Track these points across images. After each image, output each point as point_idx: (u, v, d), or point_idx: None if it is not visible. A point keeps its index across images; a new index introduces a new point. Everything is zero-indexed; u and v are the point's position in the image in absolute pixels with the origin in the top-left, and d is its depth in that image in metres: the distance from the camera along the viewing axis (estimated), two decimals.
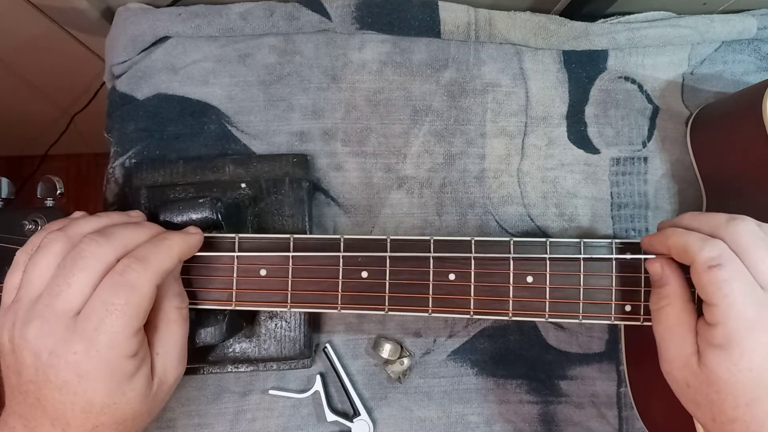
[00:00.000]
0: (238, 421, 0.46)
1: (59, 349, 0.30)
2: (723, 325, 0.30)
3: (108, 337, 0.30)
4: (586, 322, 0.37)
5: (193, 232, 0.37)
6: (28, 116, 1.01)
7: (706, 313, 0.31)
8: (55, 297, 0.31)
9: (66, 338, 0.30)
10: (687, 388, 0.32)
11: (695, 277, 0.32)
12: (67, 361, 0.30)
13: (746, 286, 0.30)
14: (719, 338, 0.30)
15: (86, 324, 0.30)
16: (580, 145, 0.50)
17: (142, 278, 0.32)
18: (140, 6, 0.51)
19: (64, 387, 0.30)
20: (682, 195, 0.49)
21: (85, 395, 0.30)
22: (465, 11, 0.50)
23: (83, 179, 1.30)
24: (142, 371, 0.32)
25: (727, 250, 0.31)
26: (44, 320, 0.30)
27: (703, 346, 0.31)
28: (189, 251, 0.36)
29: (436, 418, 0.47)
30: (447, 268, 0.37)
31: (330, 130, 0.49)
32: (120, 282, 0.31)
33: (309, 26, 0.50)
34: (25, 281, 0.32)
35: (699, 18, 0.50)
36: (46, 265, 0.32)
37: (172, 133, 0.49)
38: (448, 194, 0.49)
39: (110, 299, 0.31)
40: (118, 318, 0.30)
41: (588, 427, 0.47)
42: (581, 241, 0.37)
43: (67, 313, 0.30)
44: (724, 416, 0.30)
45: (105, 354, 0.30)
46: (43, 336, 0.30)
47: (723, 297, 0.30)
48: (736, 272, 0.30)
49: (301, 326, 0.44)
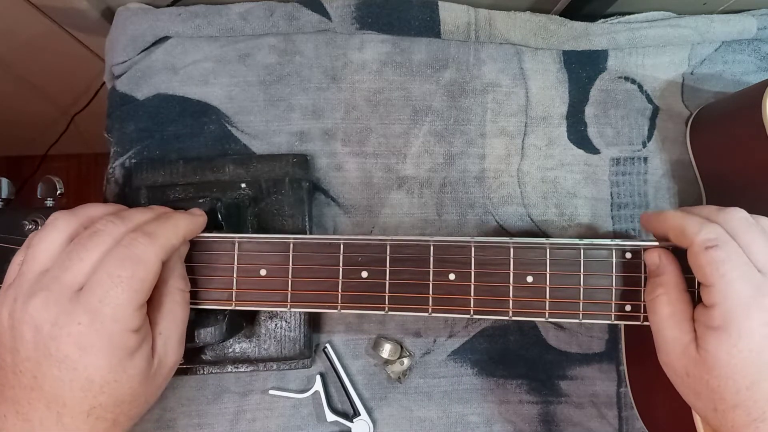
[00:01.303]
0: (238, 421, 0.46)
1: (62, 320, 0.30)
2: (721, 305, 0.30)
3: (113, 310, 0.30)
4: (586, 322, 0.37)
5: (198, 213, 0.38)
6: (28, 116, 1.01)
7: (704, 294, 0.32)
8: (65, 270, 0.31)
9: (70, 310, 0.30)
10: (687, 377, 0.32)
11: (692, 259, 0.32)
12: (70, 332, 0.30)
13: (743, 266, 0.30)
14: (717, 319, 0.30)
15: (91, 296, 0.30)
16: (580, 145, 0.50)
17: (149, 251, 0.32)
18: (140, 6, 0.51)
19: (64, 362, 0.30)
20: (682, 195, 0.49)
21: (85, 371, 0.30)
22: (465, 11, 0.50)
23: (83, 179, 1.30)
24: (144, 348, 0.32)
25: (723, 232, 0.32)
26: (50, 292, 0.30)
27: (702, 331, 0.31)
28: (194, 230, 0.37)
29: (436, 418, 0.47)
30: (447, 268, 0.37)
31: (330, 130, 0.49)
32: (127, 254, 0.31)
33: (309, 26, 0.50)
34: (29, 257, 0.32)
35: (699, 18, 0.50)
36: (51, 241, 0.32)
37: (172, 133, 0.49)
38: (448, 194, 0.49)
39: (116, 271, 0.30)
40: (124, 291, 0.30)
41: (588, 427, 0.47)
42: (581, 241, 0.37)
43: (72, 286, 0.30)
44: (725, 403, 0.30)
45: (109, 327, 0.30)
46: (47, 308, 0.30)
47: (720, 276, 0.30)
48: (732, 253, 0.31)
49: (301, 326, 0.44)
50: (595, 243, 0.37)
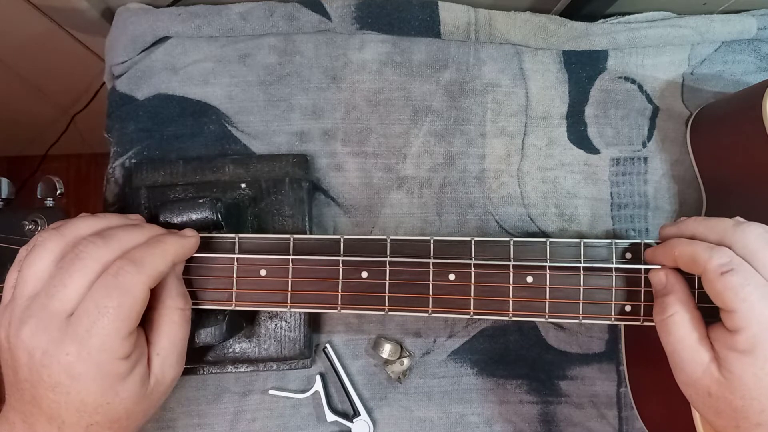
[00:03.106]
0: (238, 421, 0.46)
1: (52, 349, 0.30)
2: (746, 330, 0.30)
3: (100, 340, 0.30)
4: (586, 322, 0.37)
5: (190, 234, 0.37)
6: (28, 116, 1.01)
7: (726, 319, 0.31)
8: (50, 297, 0.31)
9: (59, 339, 0.30)
10: (708, 397, 0.31)
11: (708, 285, 0.31)
12: (60, 362, 0.30)
13: (762, 287, 0.30)
14: (743, 344, 0.30)
15: (78, 326, 0.30)
16: (580, 145, 0.50)
17: (135, 281, 0.32)
18: (140, 6, 0.51)
19: (57, 387, 0.30)
20: (682, 195, 0.49)
21: (78, 395, 0.30)
22: (465, 11, 0.50)
23: (83, 179, 1.30)
24: (136, 372, 0.32)
25: (735, 255, 0.31)
26: (39, 320, 0.30)
27: (725, 353, 0.30)
28: (184, 254, 0.36)
29: (436, 418, 0.47)
30: (447, 268, 0.37)
31: (330, 130, 0.49)
32: (113, 284, 0.31)
33: (309, 26, 0.50)
34: (20, 280, 0.32)
35: (699, 18, 0.50)
36: (40, 264, 0.32)
37: (172, 133, 0.49)
38: (448, 194, 0.49)
39: (103, 301, 0.31)
40: (111, 321, 0.30)
41: (588, 427, 0.47)
42: (581, 241, 0.37)
43: (61, 314, 0.30)
44: (748, 422, 0.30)
45: (97, 356, 0.30)
46: (37, 336, 0.30)
47: (741, 301, 0.30)
48: (749, 276, 0.30)
49: (301, 326, 0.44)
50: (595, 243, 0.37)
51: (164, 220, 0.40)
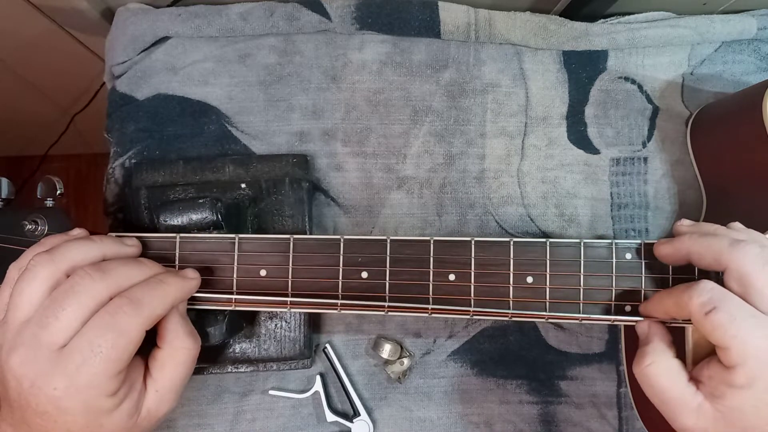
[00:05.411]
0: (238, 421, 0.46)
1: (40, 381, 0.30)
2: (743, 365, 0.29)
3: (88, 378, 0.30)
4: (586, 322, 0.37)
5: (191, 276, 0.36)
6: (28, 116, 1.01)
7: (721, 356, 0.30)
8: (42, 328, 0.30)
9: (48, 372, 0.30)
10: None
11: (699, 328, 0.31)
12: (47, 395, 0.30)
13: (749, 319, 0.29)
14: (742, 379, 0.29)
15: (69, 362, 0.30)
16: (580, 146, 0.50)
17: (132, 323, 0.31)
18: (140, 6, 0.51)
19: (44, 415, 0.30)
20: (681, 195, 0.49)
21: (65, 425, 0.30)
22: (465, 11, 0.50)
23: (83, 179, 1.30)
24: (123, 407, 0.32)
25: (715, 289, 0.31)
26: (28, 349, 0.30)
27: (722, 390, 0.30)
28: (184, 297, 0.36)
29: (436, 418, 0.47)
30: (447, 268, 0.37)
31: (330, 130, 0.49)
32: (110, 324, 0.30)
33: (309, 26, 0.50)
34: (12, 305, 0.31)
35: (699, 18, 0.50)
36: (32, 291, 0.31)
37: (172, 134, 0.49)
38: (448, 194, 0.49)
39: (97, 341, 0.30)
40: (102, 361, 0.30)
41: (588, 427, 0.47)
42: (581, 242, 0.37)
43: (51, 345, 0.30)
44: None
45: (84, 392, 0.30)
46: (26, 365, 0.30)
47: (732, 338, 0.29)
48: (734, 309, 0.30)
49: (301, 326, 0.44)
50: (595, 243, 0.37)
51: (164, 220, 0.40)
